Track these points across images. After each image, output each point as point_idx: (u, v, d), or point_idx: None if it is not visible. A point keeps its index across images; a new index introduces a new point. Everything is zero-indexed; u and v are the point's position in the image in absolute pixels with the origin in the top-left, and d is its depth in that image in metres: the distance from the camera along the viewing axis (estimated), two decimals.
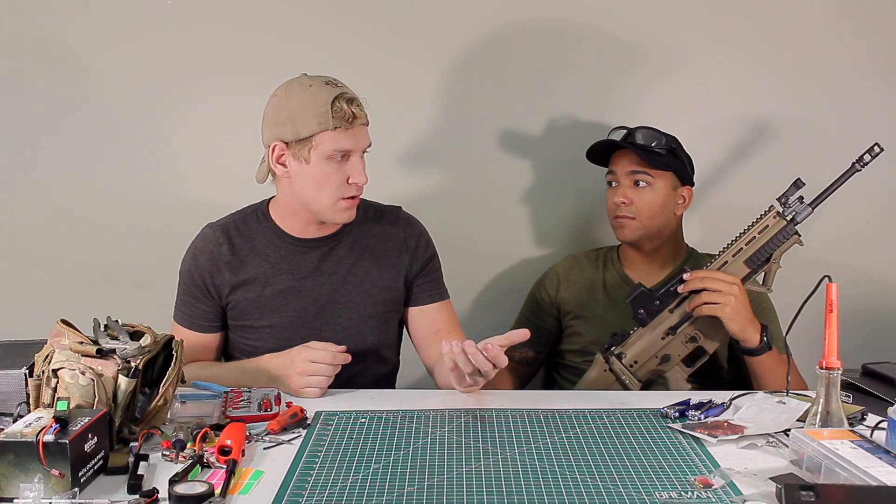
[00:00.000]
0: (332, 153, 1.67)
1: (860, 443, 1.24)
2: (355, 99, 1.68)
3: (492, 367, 1.55)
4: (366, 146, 1.72)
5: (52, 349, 1.38)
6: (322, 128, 1.65)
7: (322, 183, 1.69)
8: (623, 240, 2.03)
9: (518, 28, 2.23)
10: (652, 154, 1.94)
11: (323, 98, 1.65)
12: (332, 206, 1.72)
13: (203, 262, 1.81)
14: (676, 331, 1.84)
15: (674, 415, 1.49)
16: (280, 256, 1.80)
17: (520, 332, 1.58)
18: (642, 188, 1.96)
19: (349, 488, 1.22)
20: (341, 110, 1.64)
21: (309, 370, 1.62)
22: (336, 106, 1.64)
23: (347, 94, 1.67)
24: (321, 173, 1.68)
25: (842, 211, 2.17)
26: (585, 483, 1.23)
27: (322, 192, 1.70)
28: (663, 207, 1.97)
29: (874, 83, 2.25)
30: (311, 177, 1.69)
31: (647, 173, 1.95)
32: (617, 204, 1.98)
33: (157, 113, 2.23)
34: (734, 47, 2.24)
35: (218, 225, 1.84)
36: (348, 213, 1.74)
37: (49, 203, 2.26)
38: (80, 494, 1.18)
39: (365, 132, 1.71)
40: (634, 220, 1.97)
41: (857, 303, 2.16)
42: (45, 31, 2.20)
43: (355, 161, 1.69)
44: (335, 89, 1.67)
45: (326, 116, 1.64)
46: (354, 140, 1.68)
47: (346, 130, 1.66)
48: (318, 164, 1.68)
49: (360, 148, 1.70)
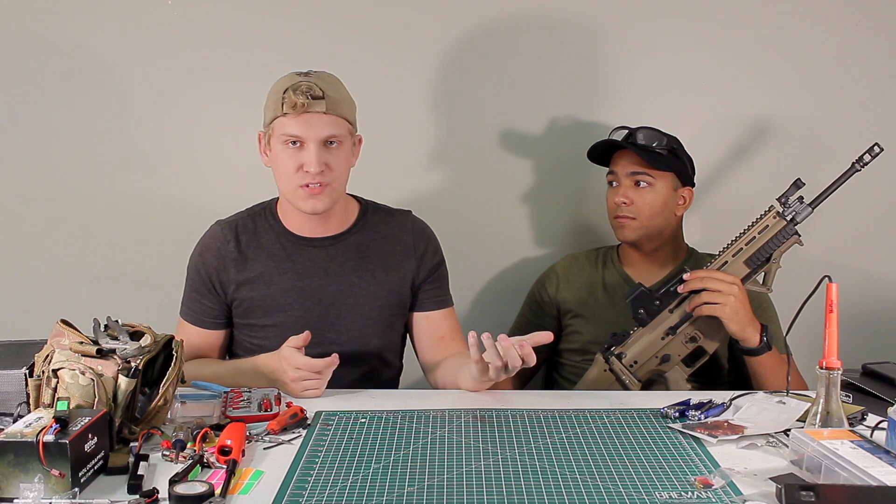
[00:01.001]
0: (285, 139, 1.70)
1: (860, 443, 1.24)
2: (313, 88, 1.68)
3: (521, 363, 1.54)
4: (323, 135, 1.70)
5: (52, 349, 1.38)
6: (275, 114, 1.71)
7: (280, 169, 1.74)
8: (623, 240, 2.03)
9: (518, 28, 2.23)
10: (653, 154, 1.94)
11: (281, 86, 1.70)
12: (293, 193, 1.74)
13: (210, 258, 1.81)
14: (676, 331, 1.84)
15: (674, 415, 1.49)
16: (286, 255, 1.80)
17: (545, 334, 1.56)
18: (643, 188, 1.96)
19: (349, 488, 1.22)
20: (290, 98, 1.67)
21: (301, 376, 1.61)
22: (287, 94, 1.68)
23: (305, 84, 1.68)
24: (278, 160, 1.73)
25: (842, 211, 2.17)
26: (585, 483, 1.23)
27: (283, 180, 1.75)
28: (663, 208, 1.97)
29: (874, 83, 2.25)
30: (274, 164, 1.75)
31: (648, 174, 1.95)
32: (617, 204, 1.98)
33: (159, 113, 2.23)
34: (734, 47, 2.24)
35: (227, 222, 1.85)
36: (311, 202, 1.73)
37: (49, 203, 2.26)
38: (80, 494, 1.18)
39: (321, 121, 1.69)
40: (635, 221, 1.97)
41: (857, 303, 2.16)
42: (45, 31, 2.20)
43: (310, 149, 1.70)
44: (297, 78, 1.70)
45: (279, 103, 1.69)
46: (306, 128, 1.69)
47: (295, 117, 1.68)
48: (276, 151, 1.73)
49: (312, 136, 1.69)
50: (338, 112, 1.71)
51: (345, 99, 1.74)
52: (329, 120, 1.70)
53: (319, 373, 1.60)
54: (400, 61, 2.23)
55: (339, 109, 1.71)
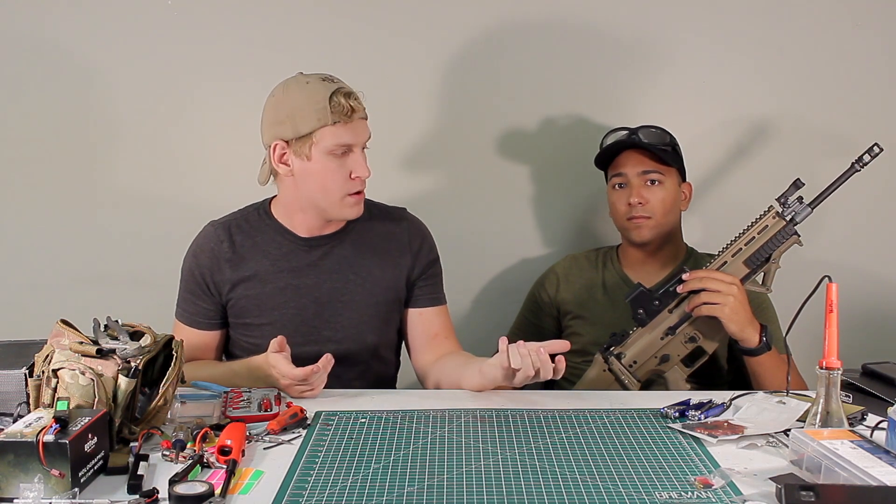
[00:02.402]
0: (334, 148, 1.68)
1: (860, 443, 1.24)
2: (352, 93, 1.69)
3: (552, 373, 1.54)
4: (366, 139, 1.72)
5: (52, 349, 1.38)
6: (321, 123, 1.67)
7: (326, 179, 1.70)
8: (640, 240, 2.00)
9: (518, 28, 2.23)
10: (661, 152, 1.95)
11: (321, 94, 1.66)
12: (340, 202, 1.72)
13: (204, 259, 1.81)
14: (676, 331, 1.84)
15: (674, 415, 1.49)
16: (281, 254, 1.80)
17: (560, 343, 1.56)
18: (655, 187, 1.96)
19: (349, 488, 1.22)
20: (339, 105, 1.66)
21: (291, 383, 1.59)
22: (334, 101, 1.66)
23: (344, 89, 1.69)
24: (324, 169, 1.69)
25: (842, 211, 2.17)
26: (585, 483, 1.23)
27: (327, 189, 1.71)
28: (674, 204, 1.99)
29: (874, 83, 2.25)
30: (315, 174, 1.70)
31: (659, 171, 1.96)
32: (632, 205, 1.97)
33: (158, 113, 2.24)
34: (734, 47, 2.24)
35: (220, 222, 1.84)
36: (356, 208, 1.74)
37: (49, 203, 2.26)
38: (80, 494, 1.18)
39: (364, 125, 1.72)
40: (650, 220, 1.97)
41: (857, 303, 2.16)
42: (44, 31, 2.20)
43: (356, 155, 1.70)
44: (332, 85, 1.68)
45: (325, 112, 1.66)
46: (354, 134, 1.69)
47: (345, 125, 1.67)
48: (321, 161, 1.69)
49: (360, 141, 1.71)
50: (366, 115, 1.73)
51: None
52: (366, 123, 1.73)
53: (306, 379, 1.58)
54: (400, 61, 2.23)
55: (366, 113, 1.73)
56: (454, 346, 1.85)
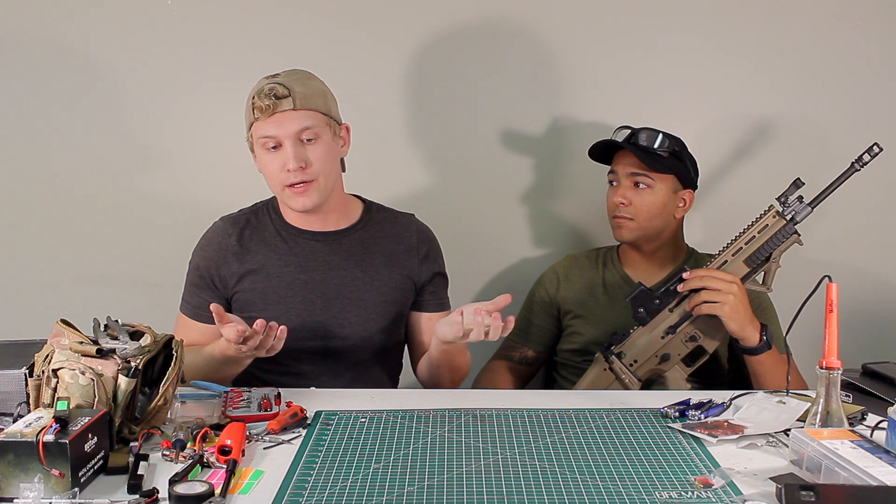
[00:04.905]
0: (264, 141, 1.72)
1: (860, 443, 1.24)
2: (275, 88, 1.69)
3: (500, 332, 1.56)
4: (294, 132, 1.70)
5: (52, 349, 1.38)
6: (250, 120, 1.74)
7: (266, 172, 1.76)
8: (620, 240, 2.02)
9: (518, 27, 2.23)
10: (653, 156, 1.93)
11: (253, 91, 1.73)
12: (282, 194, 1.77)
13: (211, 252, 1.82)
14: (676, 330, 1.84)
15: (674, 415, 1.49)
16: (288, 248, 1.81)
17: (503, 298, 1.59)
18: (642, 190, 1.96)
19: (349, 488, 1.22)
20: (258, 102, 1.70)
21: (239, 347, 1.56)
22: (255, 99, 1.71)
23: (268, 86, 1.70)
24: (263, 163, 1.76)
25: (842, 211, 2.17)
26: (585, 483, 1.23)
27: (271, 181, 1.77)
28: (662, 210, 1.97)
29: (874, 83, 2.25)
30: (262, 168, 1.77)
31: (648, 175, 1.95)
32: (616, 204, 1.98)
33: (159, 112, 2.24)
34: (734, 47, 2.24)
35: (230, 217, 1.87)
36: (300, 200, 1.74)
37: (49, 203, 2.26)
38: (80, 494, 1.18)
39: (291, 118, 1.70)
40: (632, 221, 1.97)
41: (857, 303, 2.16)
42: (45, 31, 2.20)
43: (287, 147, 1.71)
44: (265, 81, 1.73)
45: (250, 109, 1.72)
46: (277, 127, 1.70)
47: (267, 119, 1.70)
48: (260, 155, 1.75)
49: (286, 133, 1.70)
50: (308, 106, 1.71)
51: (316, 91, 1.74)
52: (300, 115, 1.71)
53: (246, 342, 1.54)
54: (400, 61, 2.23)
55: (309, 103, 1.71)
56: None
